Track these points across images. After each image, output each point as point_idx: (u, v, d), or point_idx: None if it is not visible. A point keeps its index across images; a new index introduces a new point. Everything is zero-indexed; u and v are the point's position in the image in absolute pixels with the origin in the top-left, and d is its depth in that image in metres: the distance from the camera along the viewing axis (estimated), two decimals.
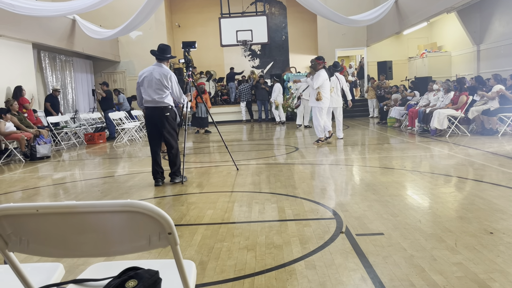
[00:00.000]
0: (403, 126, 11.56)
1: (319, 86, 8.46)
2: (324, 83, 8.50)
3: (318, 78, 8.40)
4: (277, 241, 3.21)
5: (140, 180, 6.04)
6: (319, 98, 8.48)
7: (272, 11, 20.02)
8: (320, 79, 8.40)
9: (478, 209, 3.75)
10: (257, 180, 5.55)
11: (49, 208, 1.13)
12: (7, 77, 10.27)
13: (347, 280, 2.49)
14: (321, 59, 8.68)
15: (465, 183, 4.89)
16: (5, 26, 9.80)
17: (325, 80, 8.49)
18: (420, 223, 3.45)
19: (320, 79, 8.40)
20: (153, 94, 5.39)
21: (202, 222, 3.83)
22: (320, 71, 8.48)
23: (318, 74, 8.45)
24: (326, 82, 8.56)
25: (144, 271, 1.44)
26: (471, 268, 2.56)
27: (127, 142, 11.25)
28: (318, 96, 8.47)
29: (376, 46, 17.57)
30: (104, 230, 1.18)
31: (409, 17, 13.02)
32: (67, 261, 2.96)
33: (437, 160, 6.50)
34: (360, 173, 5.74)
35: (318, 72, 8.48)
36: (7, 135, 8.45)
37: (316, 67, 8.58)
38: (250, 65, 20.26)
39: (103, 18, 15.78)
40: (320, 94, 8.46)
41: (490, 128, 8.96)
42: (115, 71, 17.58)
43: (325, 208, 4.06)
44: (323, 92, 8.51)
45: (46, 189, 5.81)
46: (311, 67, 8.85)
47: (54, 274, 1.56)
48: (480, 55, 12.25)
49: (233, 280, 2.59)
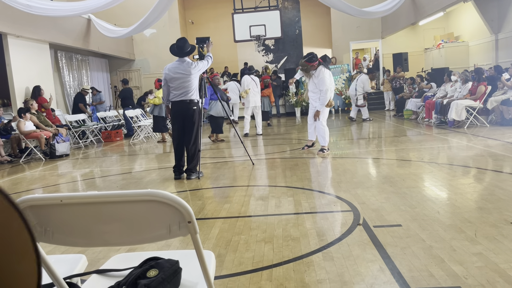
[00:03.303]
0: (420, 118, 11.41)
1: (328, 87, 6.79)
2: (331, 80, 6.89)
3: (325, 79, 6.73)
4: (294, 233, 3.22)
5: (157, 176, 6.10)
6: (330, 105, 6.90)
7: (285, 5, 19.92)
8: (326, 80, 6.74)
9: (498, 200, 3.70)
10: (273, 174, 5.56)
11: (72, 199, 1.16)
12: (26, 77, 10.47)
13: (365, 271, 2.49)
14: (313, 60, 6.82)
15: (485, 174, 4.82)
16: (22, 27, 9.99)
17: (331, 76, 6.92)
18: (438, 214, 3.42)
19: (326, 79, 6.74)
20: (180, 89, 5.50)
21: (219, 216, 3.87)
22: (320, 68, 6.80)
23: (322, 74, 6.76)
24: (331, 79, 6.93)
25: (164, 260, 1.46)
26: (491, 258, 2.52)
27: (144, 139, 11.37)
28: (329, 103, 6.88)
29: (391, 38, 17.34)
30: (125, 220, 1.20)
31: (424, 7, 12.81)
32: (88, 255, 3.02)
33: (455, 152, 6.41)
34: (377, 166, 5.70)
35: (319, 69, 6.79)
36: (27, 134, 8.62)
37: (309, 70, 6.85)
38: (264, 60, 20.23)
39: (117, 16, 15.93)
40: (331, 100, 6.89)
41: (510, 118, 8.79)
42: (130, 69, 17.75)
43: (342, 201, 4.05)
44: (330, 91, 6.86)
45: (66, 186, 5.92)
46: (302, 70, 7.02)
47: (77, 265, 1.60)
48: (498, 44, 11.99)
49: (251, 272, 2.61)
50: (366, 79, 12.01)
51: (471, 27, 13.85)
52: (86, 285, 1.50)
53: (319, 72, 6.78)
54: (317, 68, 6.81)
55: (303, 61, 6.89)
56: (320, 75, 6.76)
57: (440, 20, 15.33)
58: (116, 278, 1.50)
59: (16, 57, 10.20)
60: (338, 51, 18.12)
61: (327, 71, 6.85)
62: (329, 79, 6.79)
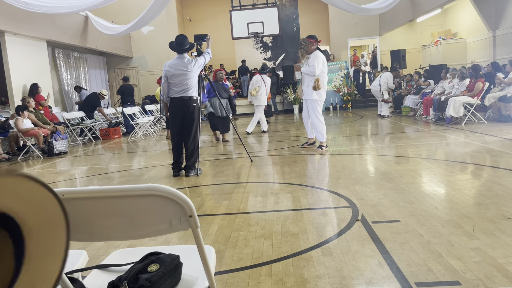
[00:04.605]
0: (418, 115, 11.44)
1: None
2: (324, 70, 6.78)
3: (318, 61, 6.63)
4: (293, 229, 3.24)
5: (156, 173, 6.11)
6: (317, 87, 6.69)
7: (283, 2, 19.90)
8: (320, 61, 6.64)
9: (496, 195, 3.72)
10: (271, 171, 5.57)
11: (74, 193, 1.17)
12: (23, 75, 10.45)
13: (364, 266, 2.50)
14: (314, 37, 6.84)
15: (482, 169, 4.84)
16: (19, 24, 9.96)
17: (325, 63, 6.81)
18: (436, 210, 3.44)
19: (320, 61, 6.65)
20: (180, 85, 5.50)
21: (219, 212, 3.88)
22: (315, 52, 6.76)
23: (315, 56, 6.68)
24: (325, 68, 6.82)
25: (165, 255, 1.47)
26: (489, 253, 2.54)
27: (142, 137, 11.37)
28: (317, 84, 6.68)
29: (389, 35, 17.36)
30: (127, 214, 1.21)
31: (422, 4, 12.83)
32: (88, 251, 3.03)
33: (453, 148, 6.44)
34: (375, 162, 5.72)
35: (314, 53, 6.73)
36: (25, 132, 8.61)
37: (308, 47, 6.78)
38: (262, 57, 20.22)
39: (115, 14, 15.90)
40: (318, 81, 6.67)
41: (507, 115, 8.82)
42: (128, 66, 17.73)
43: (340, 197, 4.07)
44: (323, 79, 6.78)
45: (64, 184, 5.92)
46: (301, 49, 6.93)
47: (78, 260, 1.61)
48: (496, 41, 12.02)
49: (250, 267, 2.62)
50: (389, 76, 12.25)
51: (469, 24, 13.87)
52: (87, 280, 1.50)
53: (314, 56, 6.70)
54: (313, 53, 6.76)
55: (304, 38, 6.92)
56: (313, 60, 6.67)
57: (437, 17, 15.35)
58: (117, 273, 1.51)
59: (14, 54, 10.17)
60: (336, 48, 18.13)
61: (322, 55, 6.76)
62: (323, 65, 6.71)
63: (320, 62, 6.64)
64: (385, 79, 12.23)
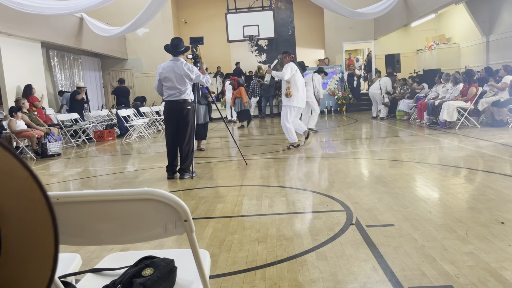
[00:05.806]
0: (412, 119, 11.50)
1: (289, 81, 7.50)
2: (296, 79, 7.56)
3: (287, 68, 7.46)
4: (288, 233, 3.24)
5: (150, 175, 6.09)
6: (289, 93, 7.49)
7: (279, 6, 19.96)
8: (289, 68, 7.44)
9: (489, 200, 3.74)
10: (266, 174, 5.57)
11: (69, 197, 1.16)
12: (17, 76, 10.38)
13: (358, 270, 2.51)
14: (288, 52, 7.78)
15: (476, 174, 4.87)
16: (14, 25, 9.90)
17: (295, 73, 7.59)
18: (430, 214, 3.45)
19: (288, 68, 7.45)
20: (174, 89, 5.49)
21: (213, 215, 3.87)
22: (289, 63, 7.58)
23: (287, 65, 7.53)
24: (299, 78, 7.66)
25: (160, 259, 1.47)
26: (482, 257, 2.56)
27: (136, 139, 11.33)
28: (288, 91, 7.49)
29: (384, 39, 17.45)
30: (121, 218, 1.20)
31: (417, 9, 12.91)
32: (81, 254, 3.01)
33: (447, 152, 6.47)
34: (369, 166, 5.74)
35: (287, 64, 7.57)
36: (18, 133, 8.55)
37: (283, 61, 7.66)
38: (257, 60, 20.25)
39: (110, 15, 15.86)
40: (290, 89, 7.49)
41: (500, 120, 8.89)
42: (123, 68, 17.67)
43: (335, 201, 4.08)
44: (294, 88, 7.56)
45: (57, 186, 5.88)
46: (277, 64, 7.97)
47: (72, 264, 1.60)
48: (489, 46, 12.12)
49: (245, 271, 2.62)
50: (388, 81, 13.00)
51: (463, 29, 13.98)
52: (81, 284, 1.49)
53: (287, 65, 7.51)
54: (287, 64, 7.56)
55: (280, 55, 7.84)
56: (285, 68, 7.47)
57: (432, 21, 15.46)
58: (111, 277, 1.50)
59: (8, 55, 10.11)
60: (331, 51, 18.20)
61: (293, 64, 7.57)
62: (291, 71, 7.47)
63: (289, 68, 7.46)
64: (384, 83, 12.74)
